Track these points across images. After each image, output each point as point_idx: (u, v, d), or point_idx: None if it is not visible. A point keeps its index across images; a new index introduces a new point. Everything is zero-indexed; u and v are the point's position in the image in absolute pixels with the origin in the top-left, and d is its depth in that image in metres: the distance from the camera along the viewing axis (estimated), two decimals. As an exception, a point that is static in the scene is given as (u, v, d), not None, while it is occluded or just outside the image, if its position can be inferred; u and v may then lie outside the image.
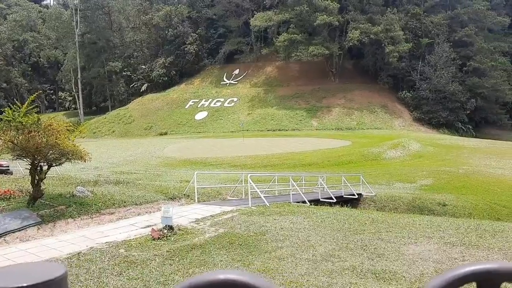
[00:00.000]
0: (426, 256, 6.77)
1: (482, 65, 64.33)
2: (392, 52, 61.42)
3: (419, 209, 18.11)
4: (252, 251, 7.51)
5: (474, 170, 27.54)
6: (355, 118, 61.42)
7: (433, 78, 62.01)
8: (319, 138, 47.71)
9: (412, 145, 38.38)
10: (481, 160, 31.81)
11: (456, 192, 21.46)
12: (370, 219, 10.19)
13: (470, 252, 6.82)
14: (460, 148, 39.19)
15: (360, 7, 66.15)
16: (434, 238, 7.93)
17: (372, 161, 33.35)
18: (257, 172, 22.90)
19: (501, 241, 7.52)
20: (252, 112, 65.38)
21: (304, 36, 64.90)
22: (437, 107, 62.05)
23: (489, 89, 64.27)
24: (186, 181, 17.14)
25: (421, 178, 25.26)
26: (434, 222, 9.75)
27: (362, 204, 19.17)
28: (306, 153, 36.17)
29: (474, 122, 67.43)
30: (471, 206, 18.58)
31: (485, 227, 8.97)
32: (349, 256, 7.04)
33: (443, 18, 67.20)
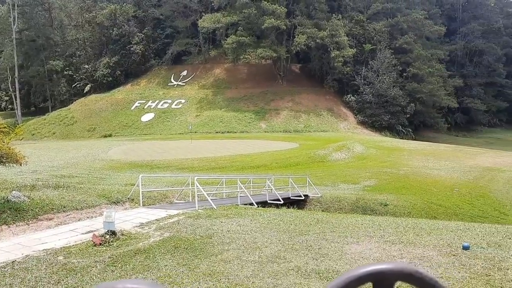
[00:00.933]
0: (367, 254, 6.98)
1: (421, 71, 67.86)
2: (337, 57, 63.30)
3: (362, 209, 18.71)
4: (198, 254, 7.41)
5: (413, 171, 28.87)
6: (302, 120, 62.61)
7: (376, 83, 64.56)
8: (268, 140, 48.17)
9: (356, 147, 39.63)
10: (419, 162, 33.39)
11: (397, 192, 22.40)
12: (315, 220, 10.39)
13: (408, 250, 7.12)
14: (401, 150, 40.93)
15: (307, 12, 67.65)
16: (375, 237, 8.21)
17: (318, 163, 34.10)
18: (205, 175, 22.72)
19: (436, 238, 7.92)
20: (201, 114, 64.91)
21: (252, 39, 65.41)
22: (380, 110, 64.61)
23: (427, 94, 67.89)
24: (131, 184, 16.67)
25: (365, 179, 26.12)
26: (375, 222, 10.10)
27: (308, 205, 19.52)
28: (255, 155, 36.38)
29: (413, 125, 70.87)
30: (410, 206, 19.45)
31: (422, 226, 9.41)
32: (295, 256, 7.12)
33: (385, 25, 70.23)
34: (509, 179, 26.61)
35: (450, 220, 15.41)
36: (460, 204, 21.04)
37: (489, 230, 8.74)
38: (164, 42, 79.31)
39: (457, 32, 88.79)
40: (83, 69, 76.93)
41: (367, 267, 0.67)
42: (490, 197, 22.55)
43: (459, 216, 18.80)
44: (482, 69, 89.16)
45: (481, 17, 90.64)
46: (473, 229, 8.99)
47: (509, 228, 9.42)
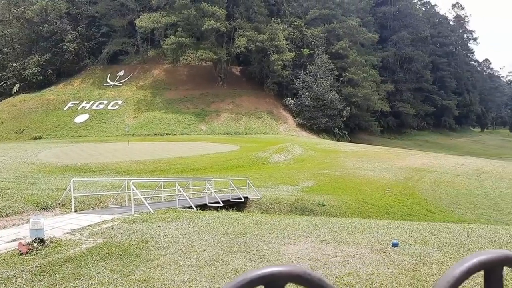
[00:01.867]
0: (303, 254, 7.12)
1: (356, 76, 70.78)
2: (277, 60, 64.40)
3: (300, 209, 19.08)
4: (133, 260, 7.17)
5: (349, 172, 29.94)
6: (243, 123, 62.94)
7: (314, 87, 66.41)
8: (208, 142, 47.88)
9: (295, 149, 40.45)
10: (355, 163, 34.69)
11: (333, 193, 23.09)
12: (254, 222, 10.44)
13: (342, 248, 7.35)
14: (337, 152, 42.31)
15: (247, 15, 68.22)
16: (312, 237, 8.39)
17: (259, 165, 34.39)
18: (142, 178, 22.13)
19: (368, 236, 8.25)
20: (138, 115, 63.24)
21: (192, 40, 64.84)
22: (318, 114, 66.51)
23: (361, 98, 70.92)
24: (63, 189, 15.84)
25: (303, 181, 26.69)
26: (312, 222, 10.33)
27: (248, 207, 19.59)
28: (195, 157, 36.01)
29: (349, 128, 73.69)
30: (345, 206, 20.13)
31: (355, 225, 9.77)
32: (233, 259, 7.10)
33: (322, 31, 72.49)
34: (435, 179, 28.39)
35: (382, 219, 16.14)
36: (391, 203, 22.10)
37: (416, 228, 9.25)
38: (100, 41, 76.44)
39: (389, 40, 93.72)
40: (11, 67, 72.18)
41: (258, 270, 0.70)
42: (419, 196, 23.90)
43: (390, 214, 19.72)
44: (412, 75, 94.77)
45: (410, 26, 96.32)
46: (402, 227, 9.47)
47: (434, 225, 10.03)
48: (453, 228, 9.22)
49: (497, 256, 0.53)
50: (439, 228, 9.16)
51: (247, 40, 63.83)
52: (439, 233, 8.43)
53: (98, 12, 75.08)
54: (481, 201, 23.43)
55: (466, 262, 0.54)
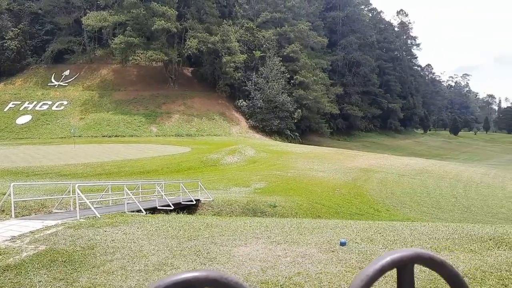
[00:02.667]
0: (254, 256, 7.13)
1: (306, 79, 72.13)
2: (229, 62, 64.41)
3: (252, 211, 19.13)
4: (77, 267, 6.89)
5: (300, 173, 30.41)
6: (195, 124, 62.37)
7: (266, 89, 67.01)
8: (159, 144, 47.03)
9: (247, 151, 40.58)
10: (306, 164, 35.30)
11: (285, 193, 23.35)
12: (205, 224, 10.35)
13: (292, 249, 7.44)
14: (289, 154, 42.88)
15: (198, 16, 67.74)
16: (262, 238, 8.43)
17: (211, 167, 34.17)
18: (89, 182, 21.34)
19: (317, 236, 8.40)
20: (85, 116, 61.03)
21: (142, 40, 63.50)
22: (270, 115, 67.16)
23: (312, 101, 72.36)
24: (2, 193, 14.97)
25: (255, 182, 26.80)
26: (263, 223, 10.38)
27: (200, 209, 19.40)
28: (145, 160, 35.23)
29: (300, 130, 74.94)
30: (297, 206, 20.41)
31: (305, 225, 9.92)
32: (183, 263, 7.00)
33: (273, 34, 73.32)
34: (381, 179, 29.47)
35: (332, 219, 16.53)
36: (340, 203, 22.67)
37: (363, 226, 9.54)
38: (44, 39, 73.13)
39: (338, 44, 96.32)
40: None
41: (174, 276, 0.71)
42: (366, 195, 24.70)
43: (339, 214, 20.22)
44: (359, 79, 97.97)
45: (358, 31, 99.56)
46: (350, 226, 9.72)
47: (380, 224, 10.38)
48: (397, 226, 9.59)
49: (408, 254, 0.57)
50: (384, 226, 9.49)
51: (199, 41, 63.38)
52: (385, 231, 8.74)
53: (41, 9, 71.77)
54: (424, 200, 24.57)
55: (379, 261, 0.57)
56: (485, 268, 5.77)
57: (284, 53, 72.88)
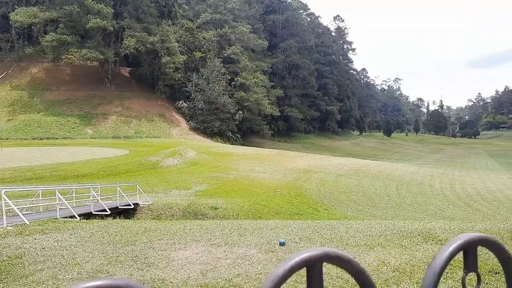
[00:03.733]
0: (193, 259, 7.03)
1: (247, 81, 72.63)
2: (169, 63, 63.35)
3: (193, 214, 18.90)
4: (3, 278, 6.43)
5: (241, 175, 30.50)
6: (133, 126, 60.62)
7: (207, 90, 66.63)
8: (95, 147, 45.18)
9: (188, 153, 40.07)
10: (247, 166, 35.47)
11: (226, 195, 23.30)
12: (143, 229, 10.07)
13: (232, 250, 7.41)
14: (230, 155, 42.89)
15: (136, 15, 66.01)
16: (202, 241, 8.33)
17: (150, 170, 33.35)
18: (17, 187, 20.02)
19: (257, 237, 8.44)
20: (14, 118, 57.29)
21: (75, 38, 60.74)
22: (211, 117, 66.84)
23: (253, 103, 72.97)
24: None
25: (196, 184, 26.52)
26: (203, 226, 10.28)
27: (139, 213, 18.86)
28: (79, 163, 33.66)
29: (242, 131, 75.27)
30: (238, 208, 20.41)
31: (246, 226, 9.94)
32: (119, 269, 6.75)
33: (214, 35, 73.14)
34: (320, 180, 30.28)
35: (272, 219, 16.71)
36: (281, 203, 22.98)
37: (302, 226, 9.72)
38: (-34, 34, 67.88)
39: (278, 47, 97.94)
40: None
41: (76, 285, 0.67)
42: (306, 196, 25.25)
43: (280, 214, 20.49)
44: (299, 82, 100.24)
45: (297, 35, 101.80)
46: (289, 226, 9.88)
47: (318, 223, 10.64)
48: (334, 224, 9.87)
49: (316, 253, 0.58)
50: (322, 225, 9.73)
51: (137, 41, 61.73)
52: (322, 230, 8.96)
53: (-36, 3, 66.57)
54: (360, 198, 25.56)
55: (289, 262, 0.58)
56: (414, 262, 6.07)
57: (225, 54, 72.90)
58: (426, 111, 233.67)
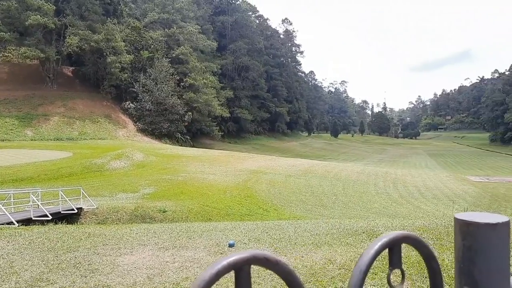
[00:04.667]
0: (140, 264, 6.84)
1: (197, 82, 72.00)
2: (114, 62, 61.52)
3: (141, 217, 18.45)
4: None
5: (191, 176, 30.16)
6: (76, 127, 58.28)
7: (155, 91, 65.34)
8: (35, 149, 42.97)
9: (136, 155, 39.08)
10: (197, 167, 35.14)
11: (175, 198, 22.95)
12: (86, 234, 9.68)
13: (180, 253, 7.29)
14: (180, 157, 42.30)
15: (79, 13, 63.56)
16: (149, 245, 8.13)
17: (95, 173, 32.20)
18: None
19: (206, 239, 8.36)
20: None
21: (14, 35, 57.56)
22: (159, 118, 65.59)
23: (202, 104, 72.44)
24: None
25: (144, 187, 25.92)
26: (150, 230, 10.04)
27: (83, 218, 18.15)
28: (18, 166, 31.88)
29: (191, 133, 74.51)
30: (187, 210, 20.16)
31: (195, 229, 9.82)
32: (60, 277, 6.44)
33: (162, 35, 71.88)
34: (270, 180, 30.55)
35: (222, 221, 16.65)
36: (231, 205, 22.95)
37: (251, 227, 9.74)
38: None
39: (227, 48, 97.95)
40: None
41: None
42: (256, 196, 25.38)
43: (230, 216, 20.46)
44: (249, 83, 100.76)
45: (246, 36, 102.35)
46: (239, 227, 9.87)
47: (267, 223, 10.71)
48: (283, 225, 9.98)
49: (244, 256, 0.58)
50: (271, 226, 9.80)
51: (80, 39, 59.43)
52: (271, 230, 9.02)
53: None
54: (308, 198, 26.06)
55: (216, 265, 0.58)
56: (360, 259, 6.24)
57: (173, 54, 71.81)
58: (370, 113, 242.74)
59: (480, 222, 0.77)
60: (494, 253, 0.78)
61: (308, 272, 5.74)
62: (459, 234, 0.80)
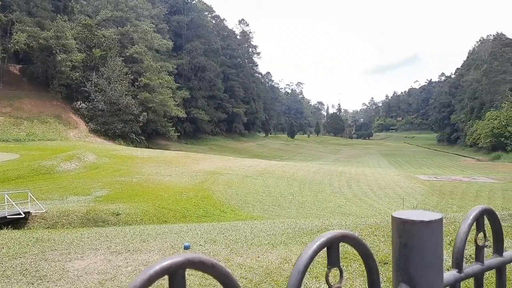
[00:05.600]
0: (91, 269, 6.61)
1: (152, 81, 70.63)
2: (65, 60, 59.28)
3: (93, 221, 17.88)
4: None
5: (146, 178, 29.54)
6: (24, 128, 55.63)
7: (108, 91, 63.50)
8: (-22, 152, 40.61)
9: (88, 156, 37.82)
10: (152, 169, 34.47)
11: (130, 200, 22.39)
12: (34, 239, 9.24)
13: (134, 257, 7.11)
14: (134, 158, 41.35)
15: (27, 9, 60.73)
16: (101, 249, 7.88)
17: (44, 175, 30.86)
18: None
19: (161, 242, 8.20)
20: None
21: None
22: (113, 119, 63.80)
23: (158, 104, 71.17)
24: None
25: (97, 190, 25.14)
26: (102, 233, 9.72)
27: (31, 223, 17.36)
28: (-41, 170, 30.03)
29: (146, 133, 73.01)
30: (142, 213, 19.73)
31: (149, 231, 9.61)
32: (5, 284, 6.11)
33: (115, 33, 69.92)
34: (227, 181, 30.47)
35: (178, 223, 16.40)
36: (187, 206, 22.68)
37: (207, 228, 9.66)
38: None
39: (183, 48, 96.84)
40: None
41: None
42: (213, 198, 25.22)
43: (187, 218, 20.21)
44: (205, 83, 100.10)
45: (202, 37, 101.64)
46: (194, 229, 9.75)
47: (223, 224, 10.66)
48: (240, 225, 9.96)
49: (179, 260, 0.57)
50: (227, 227, 9.76)
51: (28, 36, 56.79)
52: (227, 231, 8.98)
53: None
54: (265, 199, 26.20)
55: (149, 270, 0.56)
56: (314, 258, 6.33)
57: (127, 53, 70.05)
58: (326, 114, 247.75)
59: (415, 220, 0.78)
60: (428, 249, 0.79)
61: (264, 272, 5.75)
62: (396, 232, 0.81)
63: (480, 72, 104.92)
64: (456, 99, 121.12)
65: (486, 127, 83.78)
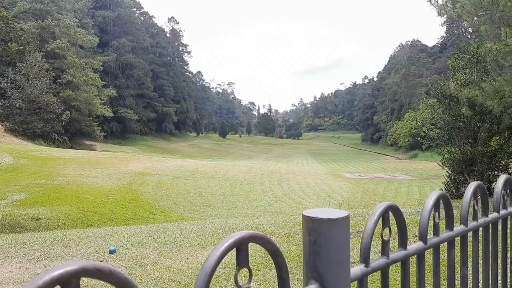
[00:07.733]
0: (6, 279, 6.13)
1: (76, 79, 67.18)
2: (-23, 54, 54.61)
3: (10, 227, 16.60)
4: None
5: (69, 180, 28.01)
6: None
7: (26, 88, 59.49)
8: None
9: (3, 158, 35.12)
10: (76, 171, 32.75)
11: (51, 204, 21.11)
12: None
13: (54, 264, 6.70)
14: (56, 160, 39.07)
15: None
16: (17, 257, 7.33)
17: (-49, 179, 28.20)
18: None
19: (84, 247, 7.81)
20: None
21: None
22: (32, 117, 59.87)
23: (82, 102, 67.88)
24: None
25: (14, 193, 23.39)
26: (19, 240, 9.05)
27: None
28: None
29: (70, 133, 69.31)
30: (65, 217, 18.67)
31: (72, 236, 9.10)
32: None
33: (34, 26, 65.65)
34: (157, 182, 29.76)
35: (105, 226, 15.73)
36: (114, 209, 21.81)
37: (135, 231, 9.35)
38: None
39: (109, 45, 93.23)
40: None
41: None
42: (142, 199, 24.50)
43: (114, 221, 19.43)
44: (134, 82, 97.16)
45: (130, 33, 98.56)
46: (121, 232, 9.39)
47: (152, 226, 10.39)
48: (169, 227, 9.76)
49: (71, 268, 0.54)
50: (155, 229, 9.52)
51: None
52: (156, 233, 8.76)
53: None
54: (196, 199, 25.95)
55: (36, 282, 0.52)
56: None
57: (48, 49, 65.99)
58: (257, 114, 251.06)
59: (323, 217, 0.81)
60: (336, 246, 0.82)
61: (193, 273, 5.68)
62: (306, 230, 0.84)
63: (400, 76, 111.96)
64: (378, 101, 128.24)
65: (405, 128, 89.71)
